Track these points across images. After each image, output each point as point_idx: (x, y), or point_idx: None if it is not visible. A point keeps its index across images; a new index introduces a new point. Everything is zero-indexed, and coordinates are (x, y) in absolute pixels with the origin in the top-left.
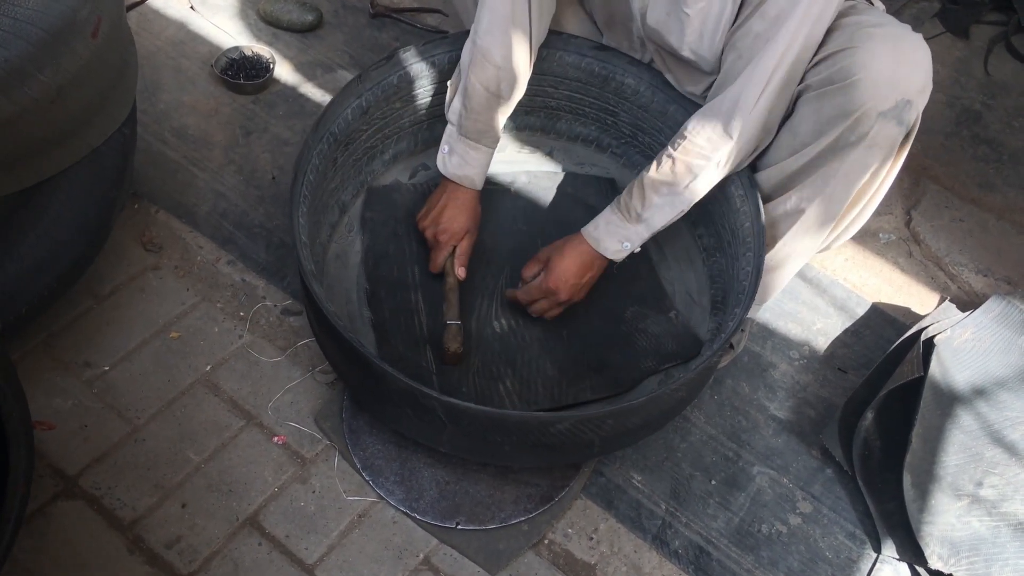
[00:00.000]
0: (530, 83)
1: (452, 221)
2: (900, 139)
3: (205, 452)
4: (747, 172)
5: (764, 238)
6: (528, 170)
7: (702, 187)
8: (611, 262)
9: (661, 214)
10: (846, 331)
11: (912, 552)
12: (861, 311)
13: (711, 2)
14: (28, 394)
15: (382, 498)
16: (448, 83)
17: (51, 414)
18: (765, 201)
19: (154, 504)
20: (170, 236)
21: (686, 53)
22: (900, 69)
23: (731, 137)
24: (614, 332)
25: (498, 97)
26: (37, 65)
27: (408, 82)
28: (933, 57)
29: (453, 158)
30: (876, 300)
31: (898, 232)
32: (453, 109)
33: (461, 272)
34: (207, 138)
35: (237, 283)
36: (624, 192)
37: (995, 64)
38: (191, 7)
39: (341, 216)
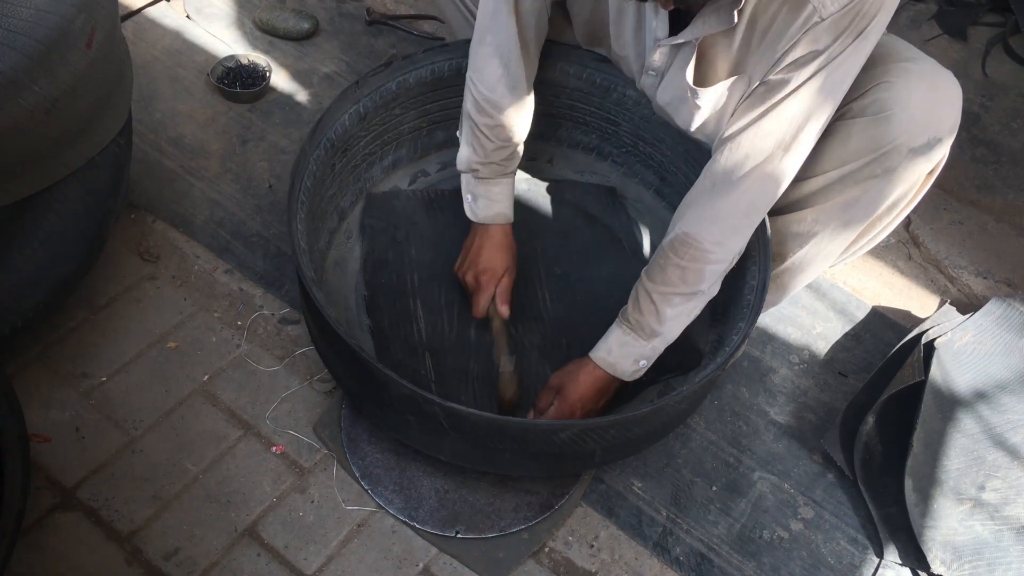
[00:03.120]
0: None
1: (491, 261)
2: (925, 174)
3: (203, 462)
4: None
5: (770, 252)
6: (528, 178)
7: (718, 285)
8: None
9: (678, 323)
10: (846, 335)
11: (915, 557)
12: (861, 315)
13: (722, 94)
14: (25, 406)
15: (381, 507)
16: (458, 134)
17: (48, 426)
18: (778, 214)
19: (152, 515)
20: (167, 246)
21: (695, 134)
22: (936, 107)
23: (743, 233)
24: None
25: (507, 141)
26: (31, 76)
27: (407, 89)
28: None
29: (479, 202)
30: (876, 303)
31: (897, 235)
32: (462, 159)
33: (504, 310)
34: (203, 147)
35: (234, 292)
36: (630, 309)
37: (993, 65)
38: (187, 16)
39: (340, 223)
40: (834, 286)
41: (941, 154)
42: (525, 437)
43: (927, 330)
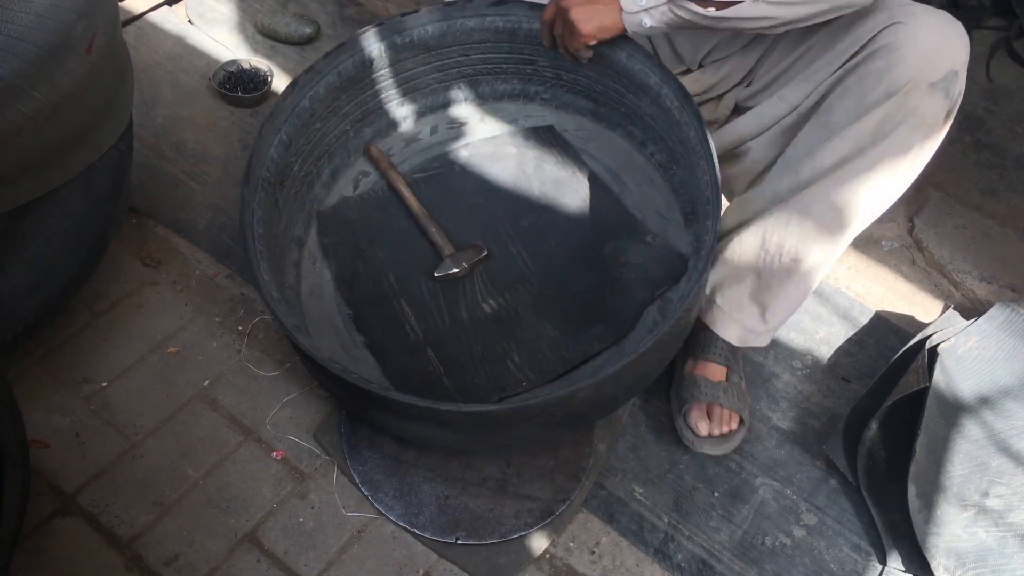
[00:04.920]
0: (440, 57)
1: None
2: (944, 115)
3: (204, 468)
4: (676, 83)
5: (712, 147)
6: (466, 143)
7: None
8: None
9: None
10: (849, 340)
11: (918, 564)
12: (864, 320)
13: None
14: (25, 411)
15: (381, 513)
16: None
17: (49, 431)
18: (797, 193)
19: (152, 521)
20: (168, 250)
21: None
22: (948, 40)
23: None
24: (599, 274)
25: None
26: (31, 82)
27: (319, 101)
28: None
29: None
30: (879, 308)
31: (901, 239)
32: None
33: None
34: (205, 152)
35: (236, 297)
36: None
37: (997, 69)
38: (189, 21)
39: (300, 251)
40: (837, 291)
41: (958, 90)
42: (548, 410)
43: (931, 335)
